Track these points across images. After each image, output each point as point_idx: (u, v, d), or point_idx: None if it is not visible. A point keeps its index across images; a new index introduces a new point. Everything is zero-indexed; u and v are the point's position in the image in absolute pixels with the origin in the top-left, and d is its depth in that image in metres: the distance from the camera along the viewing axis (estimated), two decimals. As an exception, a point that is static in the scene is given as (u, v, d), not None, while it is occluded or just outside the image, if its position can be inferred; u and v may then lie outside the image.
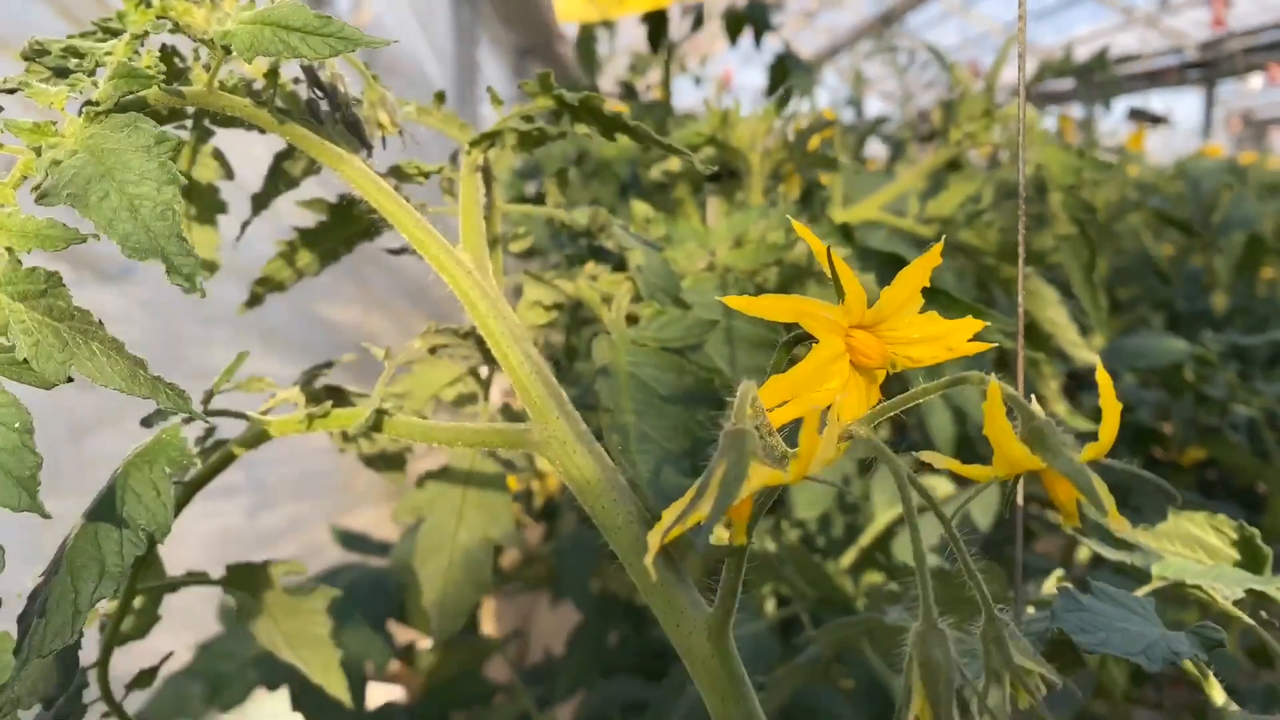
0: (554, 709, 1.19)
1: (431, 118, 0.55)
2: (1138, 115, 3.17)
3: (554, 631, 1.63)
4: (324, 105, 0.47)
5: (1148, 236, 2.69)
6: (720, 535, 0.32)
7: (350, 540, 1.30)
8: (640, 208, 0.80)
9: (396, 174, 0.52)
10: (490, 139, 0.51)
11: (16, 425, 0.35)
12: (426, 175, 0.52)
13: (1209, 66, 8.41)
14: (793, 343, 0.41)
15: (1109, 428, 0.29)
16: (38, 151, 0.35)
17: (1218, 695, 0.48)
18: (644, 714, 0.89)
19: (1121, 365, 1.61)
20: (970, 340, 0.39)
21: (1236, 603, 0.56)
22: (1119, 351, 1.63)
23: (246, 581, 0.62)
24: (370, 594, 1.15)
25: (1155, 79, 8.76)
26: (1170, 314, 2.65)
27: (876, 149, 3.37)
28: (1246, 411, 1.59)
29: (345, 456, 0.79)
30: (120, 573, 0.40)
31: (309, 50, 0.39)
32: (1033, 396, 0.33)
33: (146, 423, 0.48)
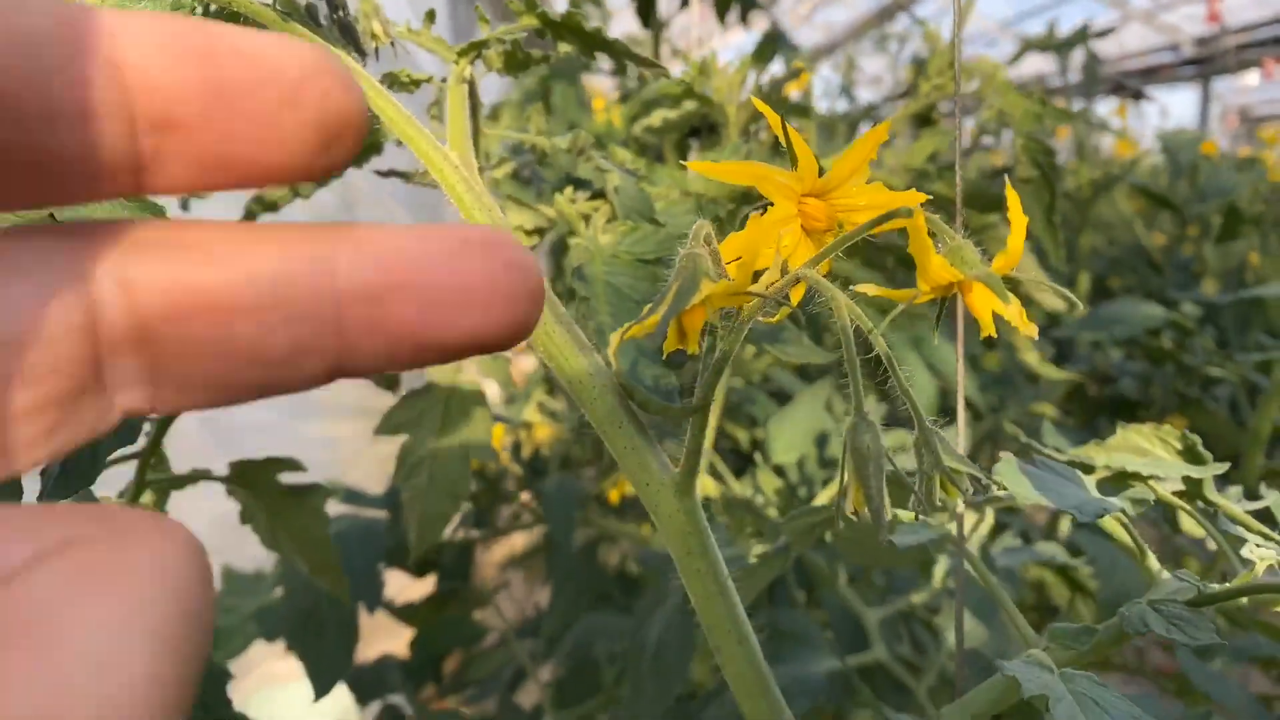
0: (544, 654, 1.22)
1: (421, 37, 0.59)
2: (1119, 91, 3.22)
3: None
4: (322, 9, 0.51)
5: (1140, 226, 2.74)
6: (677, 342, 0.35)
7: (345, 494, 1.34)
8: (621, 153, 0.84)
9: (389, 80, 0.55)
10: (476, 49, 0.55)
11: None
12: (417, 84, 0.56)
13: (1204, 63, 8.46)
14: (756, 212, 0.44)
15: (1016, 239, 0.33)
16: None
17: (1152, 562, 0.52)
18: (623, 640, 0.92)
19: (1100, 331, 1.65)
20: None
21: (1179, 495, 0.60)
22: (1098, 318, 1.68)
23: (249, 478, 0.65)
24: (362, 540, 1.19)
25: (1150, 75, 8.81)
26: (1163, 303, 2.70)
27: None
28: (1221, 374, 1.63)
29: (339, 447, 0.83)
30: (133, 429, 0.44)
31: (307, -54, 0.42)
32: (961, 229, 0.36)
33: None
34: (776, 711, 0.47)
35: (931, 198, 0.45)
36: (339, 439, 2.33)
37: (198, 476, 0.62)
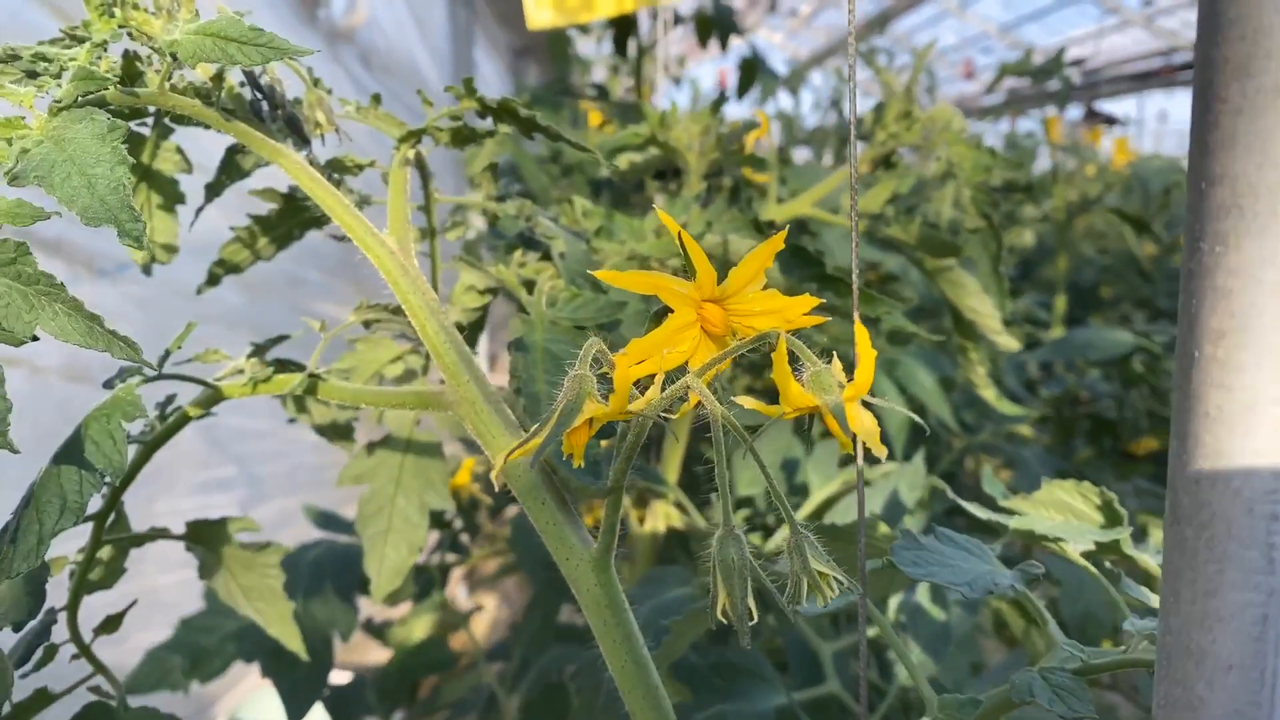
0: (514, 675, 1.25)
1: (369, 117, 0.62)
2: (1093, 116, 3.27)
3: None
4: (265, 106, 0.54)
5: (1130, 235, 2.76)
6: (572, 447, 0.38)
7: (323, 519, 1.37)
8: (580, 202, 0.87)
9: (334, 166, 0.58)
10: (416, 136, 0.58)
11: (-11, 376, 0.42)
12: (361, 168, 0.59)
13: (1200, 69, 8.45)
14: (662, 314, 0.47)
15: (864, 372, 0.36)
16: (9, 142, 0.41)
17: (1053, 631, 0.55)
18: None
19: (1071, 357, 1.68)
20: (808, 314, 0.45)
21: (1088, 555, 0.63)
22: (1068, 344, 1.70)
23: (205, 536, 0.68)
24: (338, 568, 1.22)
25: (1146, 79, 8.82)
26: (1152, 311, 2.73)
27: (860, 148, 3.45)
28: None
29: (333, 453, 0.86)
30: (79, 508, 0.47)
31: (244, 58, 0.45)
32: (833, 354, 0.39)
33: (108, 384, 0.54)
34: (687, 773, 0.50)
35: (825, 303, 0.48)
36: (332, 445, 2.37)
37: (155, 535, 0.65)
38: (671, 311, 0.46)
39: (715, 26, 1.90)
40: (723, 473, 0.36)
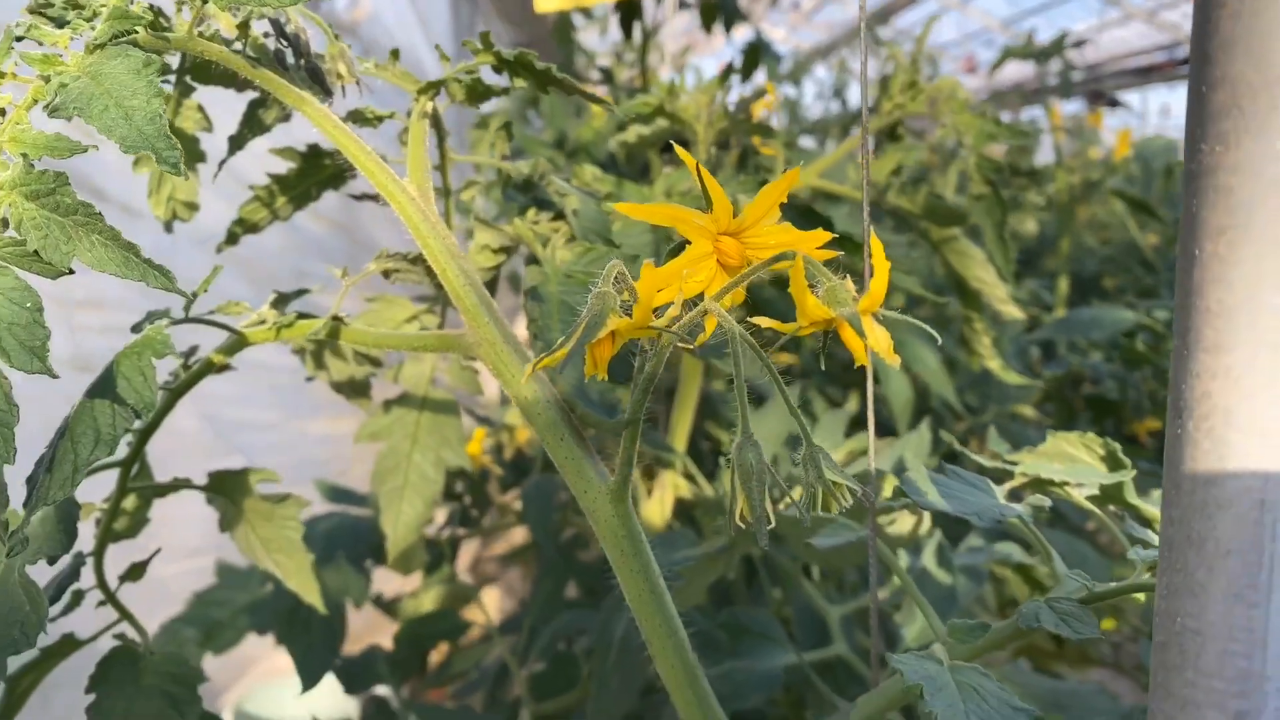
0: (525, 644, 1.27)
1: (387, 73, 0.63)
2: (1096, 99, 3.28)
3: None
4: (289, 56, 0.55)
5: (1133, 225, 2.76)
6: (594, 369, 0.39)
7: (333, 493, 1.38)
8: (588, 169, 0.88)
9: (355, 118, 0.60)
10: (435, 87, 0.59)
11: (29, 305, 0.43)
12: (380, 119, 0.60)
13: (1202, 62, 8.45)
14: (677, 249, 0.49)
15: (879, 282, 0.37)
16: (46, 79, 0.43)
17: (1057, 565, 0.56)
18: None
19: (1074, 335, 1.70)
20: (821, 248, 0.47)
21: (1092, 500, 0.64)
22: (1071, 323, 1.72)
23: (227, 487, 0.70)
24: (350, 538, 1.23)
25: (1149, 73, 8.81)
26: (1155, 301, 2.74)
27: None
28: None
29: (339, 446, 0.88)
30: (113, 439, 0.48)
31: (275, 0, 0.47)
32: (847, 274, 0.40)
33: (137, 328, 0.55)
34: (703, 700, 0.51)
35: (838, 237, 0.49)
36: (339, 435, 2.38)
37: (178, 485, 0.67)
38: (688, 246, 0.48)
39: (720, 12, 1.91)
40: (741, 387, 0.38)
